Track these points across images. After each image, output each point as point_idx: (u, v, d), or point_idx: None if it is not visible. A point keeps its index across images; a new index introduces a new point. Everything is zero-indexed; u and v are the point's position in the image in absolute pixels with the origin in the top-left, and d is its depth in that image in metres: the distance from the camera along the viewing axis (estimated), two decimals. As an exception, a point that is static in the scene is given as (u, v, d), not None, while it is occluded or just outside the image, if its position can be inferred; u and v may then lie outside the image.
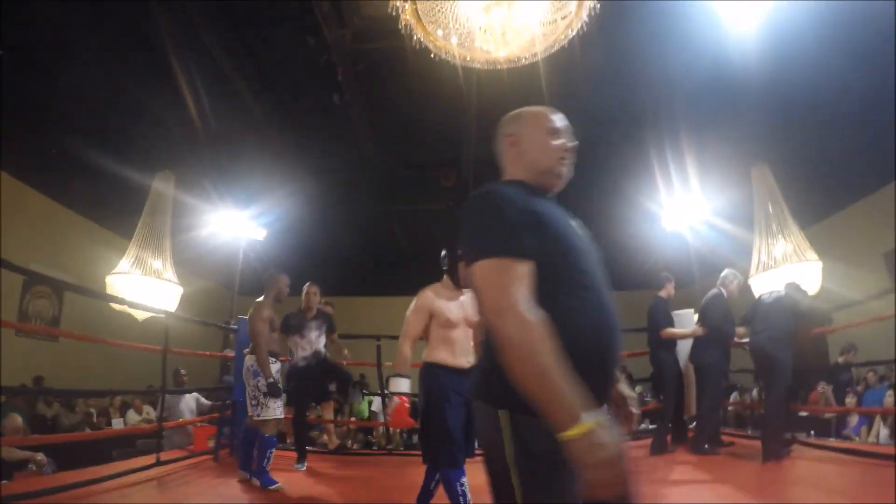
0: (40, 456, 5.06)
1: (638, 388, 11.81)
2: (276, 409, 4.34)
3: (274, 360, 4.53)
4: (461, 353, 3.16)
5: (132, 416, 8.90)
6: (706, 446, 5.23)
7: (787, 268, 6.88)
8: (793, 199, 7.23)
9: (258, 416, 4.30)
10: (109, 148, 8.21)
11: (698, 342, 5.50)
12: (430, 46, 4.19)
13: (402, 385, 3.05)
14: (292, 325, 5.21)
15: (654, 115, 7.85)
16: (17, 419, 5.72)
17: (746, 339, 5.34)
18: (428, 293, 3.28)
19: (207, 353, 7.13)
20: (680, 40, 6.37)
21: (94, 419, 8.52)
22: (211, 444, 5.81)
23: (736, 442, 5.76)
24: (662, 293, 6.00)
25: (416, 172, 9.71)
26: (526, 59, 4.30)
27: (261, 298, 4.63)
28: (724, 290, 5.56)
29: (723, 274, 5.71)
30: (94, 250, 10.24)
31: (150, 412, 8.57)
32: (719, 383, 5.51)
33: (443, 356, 3.14)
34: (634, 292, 14.94)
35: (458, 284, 3.30)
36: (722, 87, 6.88)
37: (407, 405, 3.01)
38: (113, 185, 9.10)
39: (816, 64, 6.04)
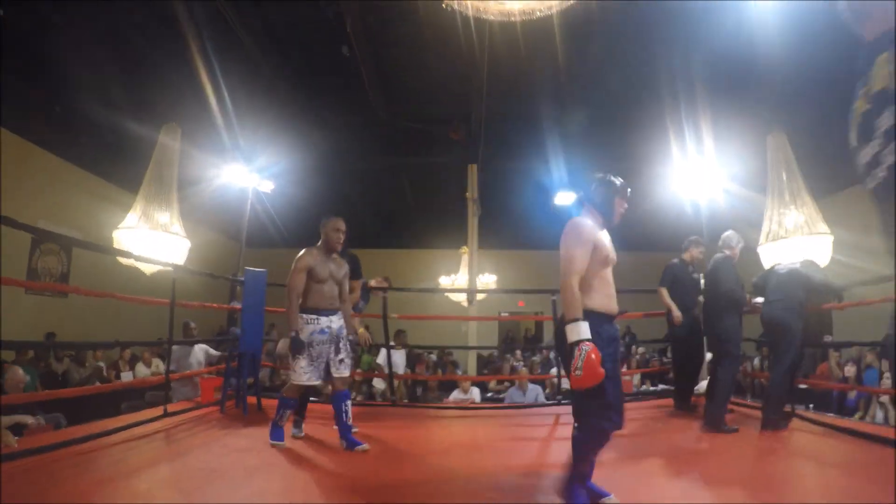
0: (30, 419, 5.10)
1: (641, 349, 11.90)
2: (301, 373, 3.99)
3: (316, 316, 4.08)
4: (614, 297, 2.82)
5: (141, 368, 9.05)
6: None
7: (798, 239, 6.78)
8: (809, 170, 7.07)
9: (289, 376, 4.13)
10: (115, 103, 8.18)
11: (712, 309, 5.16)
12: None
13: (584, 330, 2.51)
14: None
15: (670, 79, 7.68)
16: (19, 371, 5.77)
17: (758, 304, 5.21)
18: (588, 222, 2.82)
19: (215, 305, 7.14)
20: (700, 5, 6.20)
21: (104, 373, 8.64)
22: (217, 395, 5.85)
23: (735, 410, 5.72)
24: (686, 256, 5.89)
25: (425, 125, 9.57)
26: (541, 11, 4.11)
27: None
28: (729, 253, 5.24)
29: (725, 235, 5.33)
30: (101, 206, 10.29)
31: (160, 365, 8.68)
32: (738, 351, 5.09)
33: (600, 301, 2.73)
34: (646, 254, 15.01)
35: (612, 220, 2.95)
36: (741, 53, 6.70)
37: (596, 354, 2.44)
38: (119, 140, 9.13)
39: (837, 33, 5.82)
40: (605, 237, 2.84)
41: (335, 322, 4.17)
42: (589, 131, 9.29)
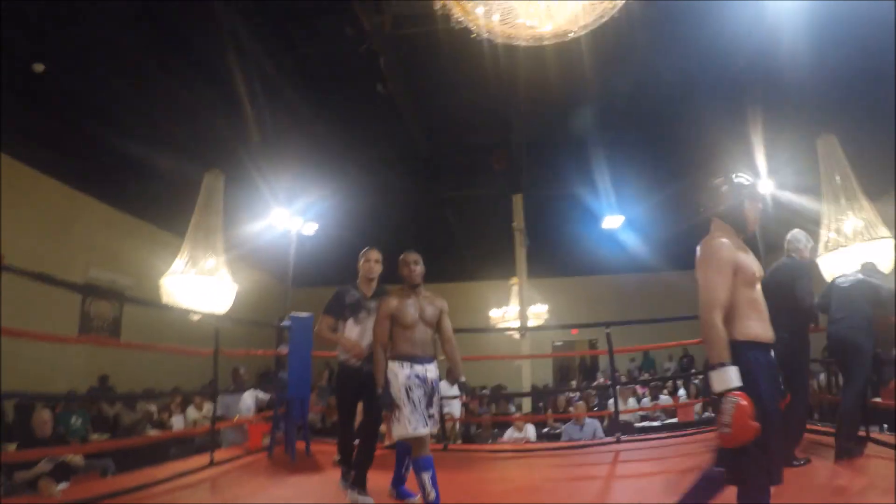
0: (79, 459, 4.99)
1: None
2: (405, 423, 3.40)
3: (410, 362, 3.54)
4: (768, 319, 2.39)
5: (192, 412, 9.05)
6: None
7: (859, 245, 6.39)
8: (861, 170, 6.70)
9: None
10: (161, 151, 8.33)
11: (775, 321, 4.52)
12: (471, 26, 3.90)
13: (733, 377, 2.10)
14: (346, 306, 4.02)
15: (711, 90, 7.45)
16: (44, 413, 5.53)
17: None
18: (723, 240, 2.38)
19: (259, 351, 7.09)
20: (737, 8, 6.00)
21: (155, 416, 8.68)
22: (266, 441, 5.77)
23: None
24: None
25: (466, 158, 9.49)
26: (573, 32, 3.96)
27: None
28: (797, 257, 4.49)
29: (791, 235, 4.59)
30: (151, 251, 10.46)
31: (210, 408, 8.67)
32: (807, 381, 4.49)
33: (753, 328, 2.30)
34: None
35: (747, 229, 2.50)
36: (783, 58, 6.42)
37: (747, 403, 2.04)
38: (166, 186, 9.30)
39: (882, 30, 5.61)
40: (745, 252, 2.39)
41: (430, 371, 3.60)
42: (633, 151, 9.07)
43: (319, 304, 4.01)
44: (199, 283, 7.31)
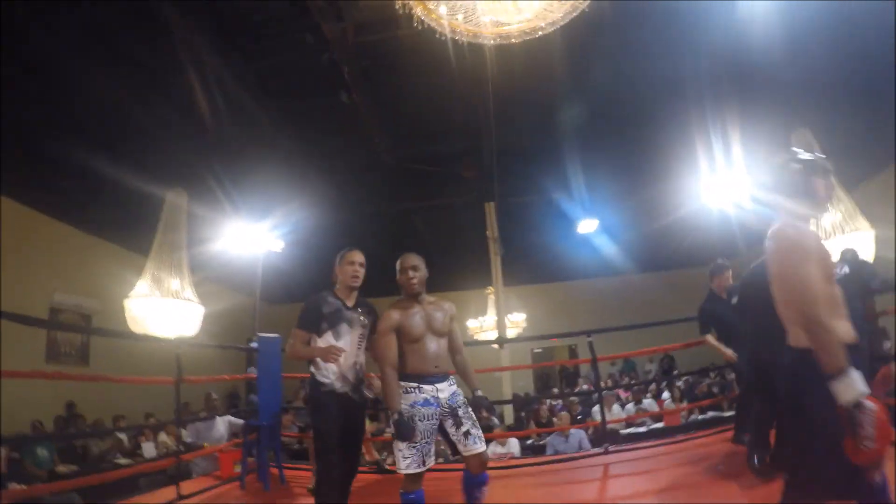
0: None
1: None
2: (400, 457, 3.06)
3: (417, 384, 3.16)
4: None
5: (163, 438, 8.75)
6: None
7: (839, 238, 6.39)
8: (836, 161, 6.62)
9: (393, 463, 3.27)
10: (122, 169, 8.06)
11: (762, 333, 4.03)
12: (434, 25, 3.70)
13: (861, 382, 1.81)
14: (324, 316, 3.45)
15: (685, 89, 7.36)
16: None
17: None
18: (804, 227, 2.14)
19: (226, 376, 6.84)
20: (706, 6, 5.93)
21: (126, 444, 8.38)
22: (238, 469, 5.52)
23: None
24: (714, 286, 5.12)
25: (436, 166, 9.31)
26: (542, 29, 3.76)
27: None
28: None
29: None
30: (117, 272, 10.12)
31: (184, 434, 8.40)
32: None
33: (845, 329, 2.09)
34: (677, 272, 14.45)
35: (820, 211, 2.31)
36: (753, 53, 6.39)
37: (884, 411, 1.75)
38: (129, 206, 9.02)
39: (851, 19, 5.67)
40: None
41: (444, 390, 3.21)
42: (607, 153, 8.95)
43: (291, 321, 3.56)
44: (163, 306, 7.04)
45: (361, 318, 3.51)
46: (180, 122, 7.25)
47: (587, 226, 10.89)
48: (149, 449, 8.24)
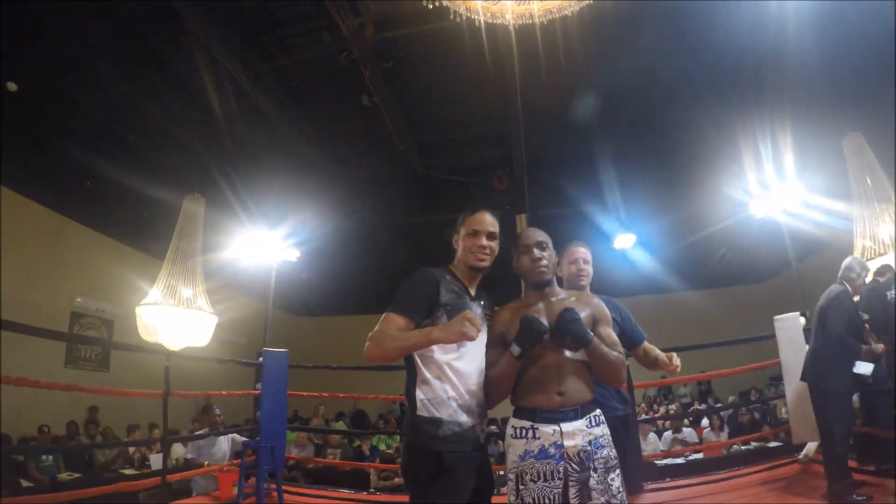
0: None
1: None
2: None
3: (531, 423, 2.04)
4: None
5: (177, 449, 8.51)
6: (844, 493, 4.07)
7: (898, 252, 5.84)
8: (892, 169, 6.07)
9: None
10: (143, 173, 8.00)
11: (819, 358, 4.24)
12: (450, 4, 3.35)
13: None
14: (441, 305, 2.13)
15: (721, 92, 6.86)
16: None
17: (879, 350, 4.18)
18: None
19: (224, 392, 6.51)
20: (742, 6, 5.48)
21: (134, 454, 8.21)
22: (236, 490, 5.21)
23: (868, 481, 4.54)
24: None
25: (464, 176, 8.91)
26: (568, 9, 3.35)
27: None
28: (848, 286, 4.29)
29: (847, 263, 4.46)
30: (138, 277, 10.02)
31: (181, 451, 8.17)
32: (848, 419, 4.16)
33: None
34: (726, 289, 13.70)
35: None
36: (800, 51, 5.86)
37: None
38: (151, 210, 8.95)
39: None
40: None
41: (576, 436, 2.00)
42: (645, 164, 8.43)
43: (307, 335, 3.07)
44: (176, 315, 6.81)
45: (487, 314, 2.29)
46: (198, 124, 7.10)
47: (624, 240, 10.34)
48: (157, 461, 8.00)
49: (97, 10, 5.51)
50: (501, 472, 4.44)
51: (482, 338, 2.15)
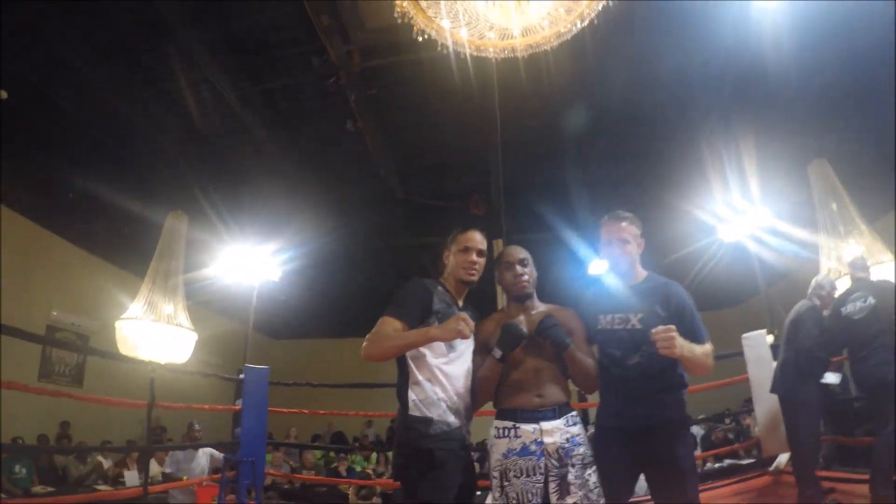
0: None
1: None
2: None
3: (512, 423, 2.26)
4: None
5: (154, 466, 8.46)
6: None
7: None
8: (857, 192, 6.36)
9: None
10: (125, 188, 8.01)
11: (788, 370, 4.42)
12: (436, 36, 3.50)
13: None
14: (433, 312, 2.37)
15: (693, 115, 7.12)
16: None
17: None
18: None
19: (206, 406, 6.56)
20: (714, 27, 5.62)
21: (107, 469, 8.12)
22: (214, 506, 5.26)
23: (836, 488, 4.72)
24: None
25: (443, 201, 9.09)
26: (548, 42, 3.54)
27: None
28: (817, 302, 4.52)
29: (816, 281, 4.69)
30: (114, 293, 9.99)
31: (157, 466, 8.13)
32: (816, 428, 4.37)
33: None
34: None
35: None
36: (765, 79, 6.18)
37: None
38: (130, 227, 8.93)
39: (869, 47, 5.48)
40: None
41: (555, 433, 2.21)
42: (618, 190, 8.71)
43: (289, 358, 3.17)
44: (156, 330, 6.84)
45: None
46: (187, 141, 7.18)
47: (599, 266, 10.56)
48: (132, 478, 7.94)
49: (90, 20, 5.54)
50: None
51: (469, 344, 2.40)
